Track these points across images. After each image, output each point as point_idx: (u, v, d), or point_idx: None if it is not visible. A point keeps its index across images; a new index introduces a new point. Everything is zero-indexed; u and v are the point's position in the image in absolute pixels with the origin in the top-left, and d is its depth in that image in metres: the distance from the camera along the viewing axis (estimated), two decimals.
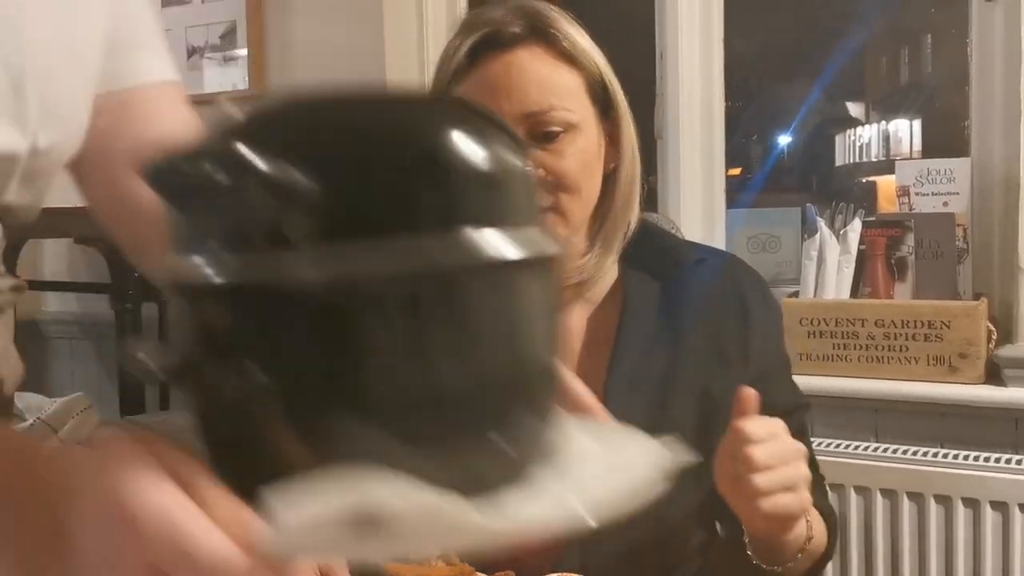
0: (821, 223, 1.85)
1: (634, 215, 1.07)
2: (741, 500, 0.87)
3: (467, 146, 0.42)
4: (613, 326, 1.06)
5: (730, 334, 1.06)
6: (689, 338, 1.04)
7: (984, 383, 1.68)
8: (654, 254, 1.09)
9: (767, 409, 0.88)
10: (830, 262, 1.83)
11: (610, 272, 1.08)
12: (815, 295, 1.84)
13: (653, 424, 0.63)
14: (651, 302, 1.06)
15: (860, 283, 1.83)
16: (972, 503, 1.61)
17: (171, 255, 0.43)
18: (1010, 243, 1.75)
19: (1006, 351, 1.71)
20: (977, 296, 1.76)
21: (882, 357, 1.74)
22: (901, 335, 1.72)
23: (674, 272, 1.08)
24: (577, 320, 1.08)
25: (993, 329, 1.72)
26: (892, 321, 1.72)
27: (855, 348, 1.76)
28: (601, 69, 1.02)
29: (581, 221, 1.03)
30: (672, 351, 1.04)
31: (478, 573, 0.90)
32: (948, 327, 1.68)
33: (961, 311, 1.69)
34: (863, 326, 1.75)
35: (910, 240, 1.77)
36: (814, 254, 1.84)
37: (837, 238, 1.83)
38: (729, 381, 0.95)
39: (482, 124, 0.45)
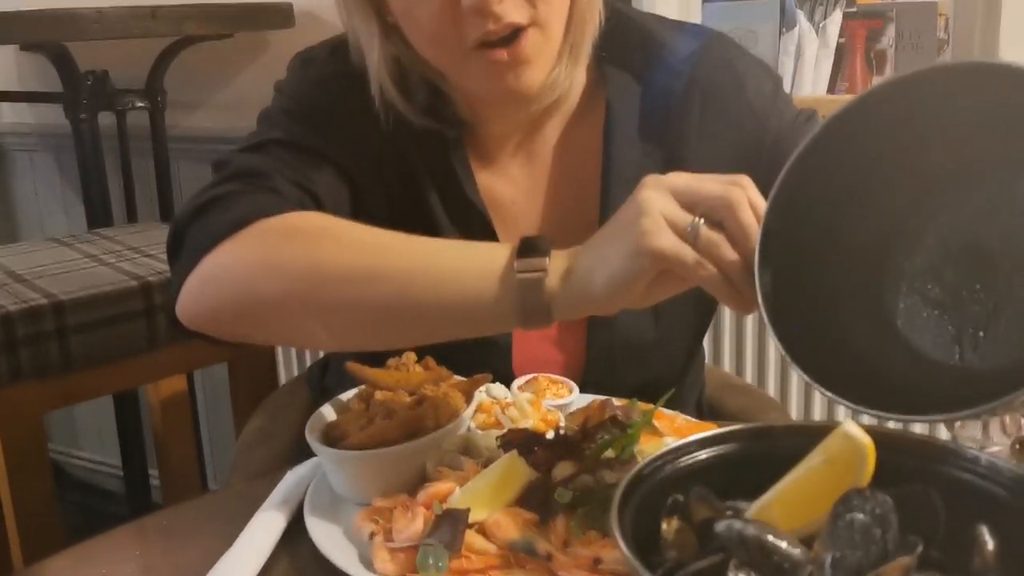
0: (800, 16, 1.79)
1: (599, 12, 0.97)
2: None
3: None
4: (598, 138, 1.01)
5: (732, 115, 1.01)
6: (686, 138, 1.00)
7: None
8: (633, 50, 1.02)
9: None
10: (808, 56, 1.78)
11: (579, 78, 1.01)
12: (792, 91, 1.80)
13: None
14: (635, 107, 1.01)
15: (838, 78, 1.79)
16: None
17: None
18: (991, 33, 1.71)
19: None
20: None
21: None
22: None
23: (657, 70, 1.02)
24: (554, 138, 1.03)
25: None
26: None
27: None
28: None
29: (559, 31, 0.92)
30: (668, 154, 1.00)
31: (456, 376, 0.88)
32: None
33: None
34: None
35: (891, 32, 1.73)
36: (792, 49, 1.79)
37: (816, 32, 1.78)
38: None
39: None
